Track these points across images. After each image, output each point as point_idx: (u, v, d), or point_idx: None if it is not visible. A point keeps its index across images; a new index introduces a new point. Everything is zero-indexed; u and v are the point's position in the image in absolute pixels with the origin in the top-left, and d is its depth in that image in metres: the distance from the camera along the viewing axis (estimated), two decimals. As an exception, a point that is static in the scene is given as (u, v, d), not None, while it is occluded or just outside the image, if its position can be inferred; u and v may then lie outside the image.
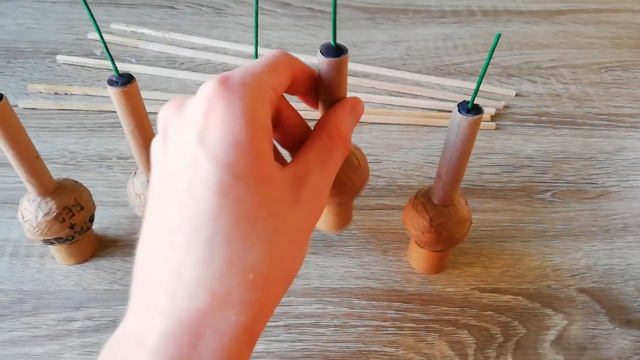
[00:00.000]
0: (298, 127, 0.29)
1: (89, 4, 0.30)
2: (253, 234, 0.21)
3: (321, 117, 0.28)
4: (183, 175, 0.21)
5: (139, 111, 0.35)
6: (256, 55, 0.33)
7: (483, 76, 0.29)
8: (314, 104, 0.30)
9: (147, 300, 0.21)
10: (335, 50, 0.27)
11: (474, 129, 0.32)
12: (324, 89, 0.28)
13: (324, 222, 0.41)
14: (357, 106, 0.29)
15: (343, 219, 0.42)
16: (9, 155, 0.34)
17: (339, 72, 0.27)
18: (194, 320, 0.20)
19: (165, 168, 0.22)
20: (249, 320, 0.21)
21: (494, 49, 0.28)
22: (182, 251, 0.21)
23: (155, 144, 0.24)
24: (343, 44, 0.27)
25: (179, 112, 0.23)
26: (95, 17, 0.30)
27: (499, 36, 0.28)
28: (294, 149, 0.29)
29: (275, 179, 0.22)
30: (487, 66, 0.29)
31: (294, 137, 0.29)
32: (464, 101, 0.32)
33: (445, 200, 0.37)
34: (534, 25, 0.72)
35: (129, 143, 0.36)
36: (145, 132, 0.36)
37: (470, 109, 0.31)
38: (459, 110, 0.31)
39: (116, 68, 0.33)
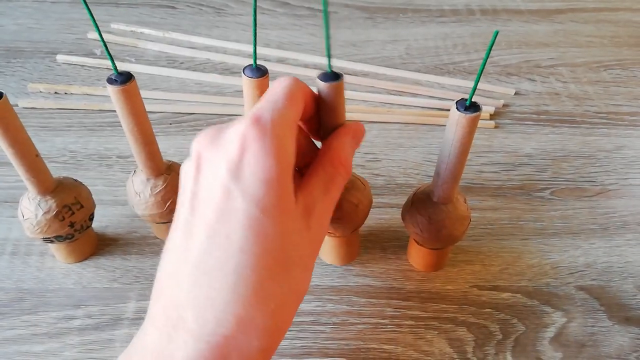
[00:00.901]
0: (309, 150, 0.30)
1: (88, 4, 0.30)
2: (275, 265, 0.23)
3: (323, 144, 0.29)
4: (215, 205, 0.23)
5: (139, 110, 0.35)
6: (255, 55, 0.34)
7: (481, 73, 0.29)
8: (315, 131, 0.31)
9: (174, 320, 0.23)
10: (332, 76, 0.28)
11: (472, 127, 0.32)
12: (325, 114, 0.29)
13: (335, 257, 0.43)
14: (358, 132, 0.30)
15: (355, 249, 0.43)
16: (8, 153, 0.34)
17: (337, 95, 0.28)
18: (221, 344, 0.22)
19: (196, 195, 0.24)
20: (268, 344, 0.23)
21: (492, 45, 0.28)
22: (211, 277, 0.22)
23: (188, 170, 0.25)
24: (338, 71, 0.28)
25: (215, 145, 0.24)
26: (95, 16, 0.30)
27: (496, 33, 0.28)
28: (304, 167, 0.30)
29: (292, 211, 0.24)
30: (485, 63, 0.29)
31: (305, 158, 0.30)
32: (462, 99, 0.32)
33: (444, 198, 0.37)
34: (533, 24, 0.72)
35: (129, 141, 0.37)
36: (144, 130, 0.36)
37: (469, 106, 0.31)
38: (457, 108, 0.31)
39: (115, 66, 0.33)
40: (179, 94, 0.58)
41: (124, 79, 0.33)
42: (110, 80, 0.33)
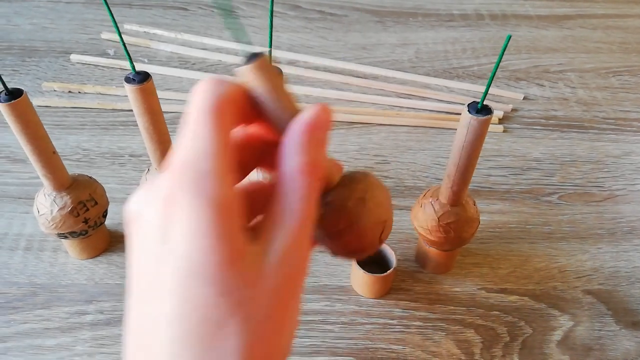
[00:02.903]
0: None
1: (102, 5, 0.30)
2: (218, 333, 0.19)
3: (278, 153, 0.22)
4: (147, 273, 0.20)
5: (154, 108, 0.35)
6: (270, 56, 0.34)
7: (493, 77, 0.30)
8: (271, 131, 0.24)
9: None
10: (252, 57, 0.22)
11: (483, 129, 0.32)
12: (265, 111, 0.22)
13: (368, 290, 0.42)
14: (318, 120, 0.22)
15: (388, 283, 0.42)
16: (27, 150, 0.35)
17: (265, 79, 0.21)
18: None
19: (131, 264, 0.21)
20: None
21: (504, 50, 0.29)
22: (147, 354, 0.19)
23: (129, 221, 0.21)
24: (261, 49, 0.23)
25: (143, 205, 0.21)
26: (108, 17, 0.31)
27: (509, 37, 0.29)
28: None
29: (239, 262, 0.19)
30: (497, 67, 0.30)
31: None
32: (473, 102, 0.32)
33: (454, 200, 0.37)
34: (542, 30, 0.72)
35: (144, 140, 0.37)
36: (159, 129, 0.36)
37: (480, 109, 0.32)
38: (468, 111, 0.32)
39: (133, 66, 0.34)
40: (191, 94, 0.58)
41: (142, 78, 0.34)
42: (128, 79, 0.34)
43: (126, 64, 0.61)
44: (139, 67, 0.61)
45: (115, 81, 0.60)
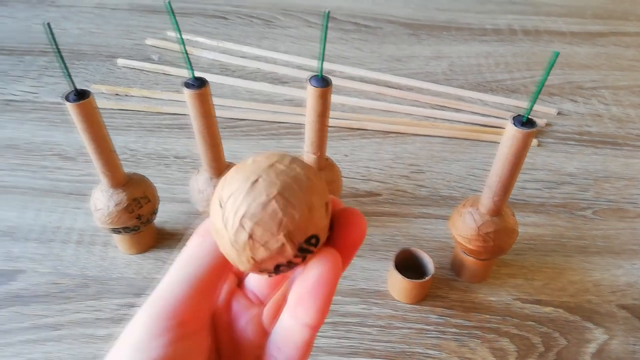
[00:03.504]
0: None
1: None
2: None
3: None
4: None
5: (209, 113, 0.37)
6: (322, 66, 0.36)
7: (540, 91, 0.31)
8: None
9: None
10: None
11: (527, 142, 0.34)
12: None
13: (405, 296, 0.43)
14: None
15: (425, 289, 0.43)
16: (89, 148, 0.37)
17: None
18: None
19: None
20: None
21: (552, 66, 0.30)
22: None
23: None
24: None
25: None
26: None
27: (557, 55, 0.30)
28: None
29: None
30: (544, 82, 0.31)
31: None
32: (518, 115, 0.34)
33: (494, 210, 0.38)
34: (575, 46, 0.73)
35: (197, 142, 0.39)
36: (212, 132, 0.38)
37: (525, 122, 0.33)
38: (514, 123, 0.33)
39: (193, 72, 0.36)
40: (231, 100, 0.60)
41: (200, 83, 0.35)
42: (188, 85, 0.35)
43: (170, 69, 0.64)
44: (182, 72, 0.63)
45: (160, 85, 0.62)
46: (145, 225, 0.42)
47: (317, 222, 0.18)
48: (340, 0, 0.80)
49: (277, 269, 0.18)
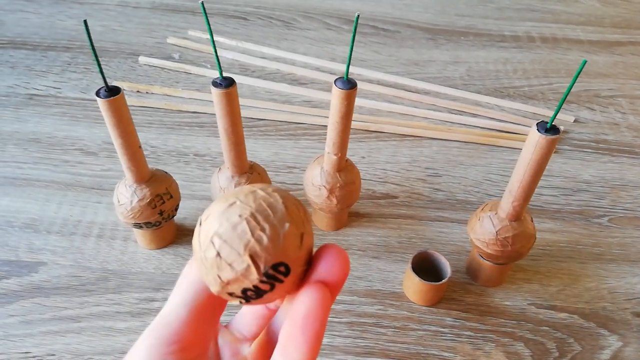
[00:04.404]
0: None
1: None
2: None
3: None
4: None
5: (236, 111, 0.38)
6: (348, 68, 0.36)
7: (565, 99, 0.31)
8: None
9: None
10: None
11: (550, 148, 0.34)
12: None
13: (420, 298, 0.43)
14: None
15: (441, 292, 0.43)
16: (117, 143, 0.38)
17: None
18: None
19: None
20: None
21: (579, 74, 0.30)
22: None
23: None
24: None
25: None
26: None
27: (584, 62, 0.30)
28: None
29: None
30: (569, 90, 0.31)
31: None
32: (542, 121, 0.34)
33: (514, 215, 0.38)
34: (593, 55, 0.73)
35: (221, 140, 0.40)
36: (237, 131, 0.39)
37: (549, 129, 0.33)
38: (537, 130, 0.33)
39: (221, 71, 0.36)
40: (250, 100, 0.61)
41: (228, 83, 0.36)
42: (215, 84, 0.36)
43: (191, 68, 0.64)
44: (202, 71, 0.64)
45: (181, 84, 0.63)
46: (167, 221, 0.43)
47: (288, 250, 0.18)
48: (360, 3, 0.81)
49: (246, 294, 0.18)
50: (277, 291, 0.18)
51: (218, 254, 0.17)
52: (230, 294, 0.18)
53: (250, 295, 0.18)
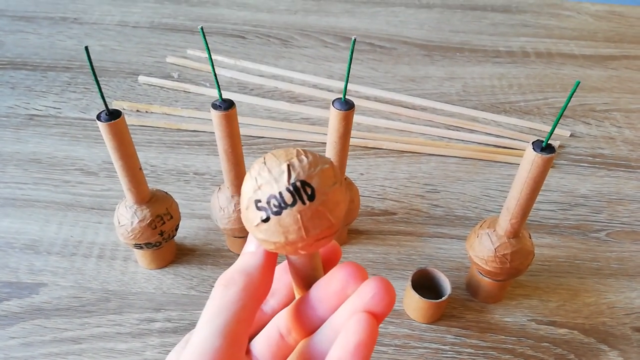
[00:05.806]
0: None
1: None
2: None
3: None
4: None
5: (235, 133, 0.38)
6: (345, 89, 0.37)
7: (559, 119, 0.32)
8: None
9: None
10: None
11: (546, 166, 0.34)
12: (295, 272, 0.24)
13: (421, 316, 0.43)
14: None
15: (441, 309, 0.43)
16: (117, 165, 0.38)
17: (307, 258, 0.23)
18: None
19: None
20: None
21: (572, 94, 0.31)
22: None
23: None
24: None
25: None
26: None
27: (578, 83, 0.31)
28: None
29: None
30: (564, 109, 0.32)
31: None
32: (538, 140, 0.34)
33: (512, 232, 0.39)
34: (587, 69, 0.74)
35: (221, 160, 0.40)
36: (236, 152, 0.39)
37: (544, 147, 0.34)
38: (533, 148, 0.34)
39: (221, 94, 0.37)
40: (249, 118, 0.62)
41: (227, 105, 0.37)
42: (215, 106, 0.37)
43: (190, 87, 0.65)
44: (201, 90, 0.65)
45: (180, 103, 0.64)
46: (167, 241, 0.43)
47: (320, 181, 0.19)
48: (355, 21, 0.82)
49: (269, 204, 0.19)
50: (293, 214, 0.19)
51: (264, 162, 0.20)
52: (257, 202, 0.19)
53: (273, 206, 0.19)
